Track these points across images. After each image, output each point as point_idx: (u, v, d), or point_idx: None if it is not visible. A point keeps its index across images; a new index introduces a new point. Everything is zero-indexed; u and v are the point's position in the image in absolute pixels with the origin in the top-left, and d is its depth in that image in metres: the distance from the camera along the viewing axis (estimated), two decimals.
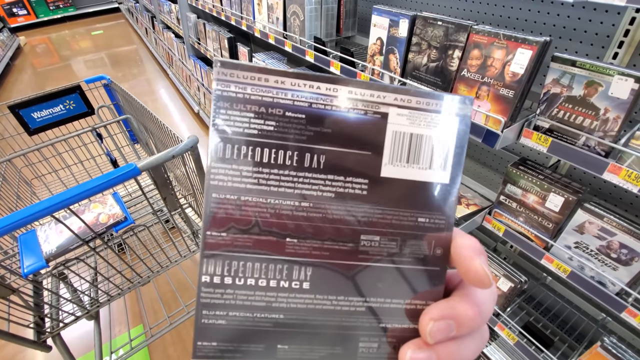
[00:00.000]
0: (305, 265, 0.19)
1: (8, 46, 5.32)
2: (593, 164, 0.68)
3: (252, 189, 0.19)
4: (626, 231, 0.70)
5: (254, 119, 0.18)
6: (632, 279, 0.72)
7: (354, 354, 0.20)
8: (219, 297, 0.19)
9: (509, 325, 1.02)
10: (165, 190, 0.98)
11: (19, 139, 1.38)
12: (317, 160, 0.19)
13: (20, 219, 0.68)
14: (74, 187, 0.71)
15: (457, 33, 0.79)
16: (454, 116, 0.20)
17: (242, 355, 0.19)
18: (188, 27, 2.86)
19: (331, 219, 0.19)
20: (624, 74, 0.58)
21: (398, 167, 0.19)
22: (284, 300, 0.19)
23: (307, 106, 0.19)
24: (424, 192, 0.20)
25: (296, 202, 0.19)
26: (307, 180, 0.19)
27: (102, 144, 1.29)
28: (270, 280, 0.19)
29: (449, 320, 0.18)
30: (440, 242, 0.20)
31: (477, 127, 0.80)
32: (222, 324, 0.19)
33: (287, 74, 0.19)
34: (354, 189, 0.19)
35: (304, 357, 0.19)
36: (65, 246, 0.95)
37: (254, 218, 0.19)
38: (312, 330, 0.19)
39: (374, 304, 0.20)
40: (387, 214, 0.20)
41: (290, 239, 0.19)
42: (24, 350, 1.58)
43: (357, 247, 0.19)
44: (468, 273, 0.18)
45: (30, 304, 0.99)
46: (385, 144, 0.19)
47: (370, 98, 0.19)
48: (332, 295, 0.19)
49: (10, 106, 1.32)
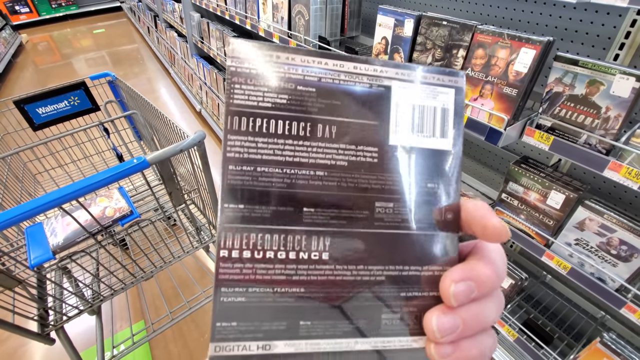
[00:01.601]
0: (323, 235, 0.19)
1: (10, 43, 5.33)
2: (594, 162, 0.70)
3: (268, 160, 0.19)
4: (626, 228, 0.71)
5: (267, 92, 0.19)
6: (632, 275, 0.74)
7: (378, 327, 0.20)
8: (237, 273, 0.18)
9: (509, 321, 1.03)
10: (171, 185, 0.99)
11: (23, 134, 1.39)
12: (329, 131, 0.20)
13: (31, 209, 0.69)
14: (85, 178, 0.72)
15: (461, 33, 0.80)
16: (450, 88, 0.21)
17: (263, 334, 0.18)
18: (191, 26, 2.88)
19: (346, 187, 0.20)
20: (626, 72, 0.60)
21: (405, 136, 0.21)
22: (304, 272, 0.19)
23: (316, 80, 0.20)
24: (430, 159, 0.21)
25: (311, 171, 0.19)
26: (321, 149, 0.19)
27: (108, 138, 1.30)
28: (289, 252, 0.19)
29: (468, 281, 0.18)
30: (450, 207, 0.21)
31: (481, 125, 0.82)
32: (242, 302, 0.18)
33: (297, 51, 0.20)
34: (365, 157, 0.20)
35: (328, 334, 0.19)
36: (71, 239, 0.96)
37: (270, 188, 0.19)
38: (334, 304, 0.19)
39: (393, 272, 0.20)
40: (398, 180, 0.20)
41: (307, 208, 0.19)
42: (25, 345, 1.58)
43: (373, 214, 0.20)
44: (486, 229, 0.19)
45: (34, 296, 1.00)
46: (391, 115, 0.20)
47: (374, 73, 0.20)
48: (352, 265, 0.19)
49: (16, 101, 1.33)
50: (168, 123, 1.16)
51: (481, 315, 0.19)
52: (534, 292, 1.17)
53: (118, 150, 1.39)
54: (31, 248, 0.94)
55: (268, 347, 0.18)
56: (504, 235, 0.19)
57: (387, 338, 0.20)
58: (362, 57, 0.21)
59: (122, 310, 1.67)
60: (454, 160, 0.21)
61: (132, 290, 1.78)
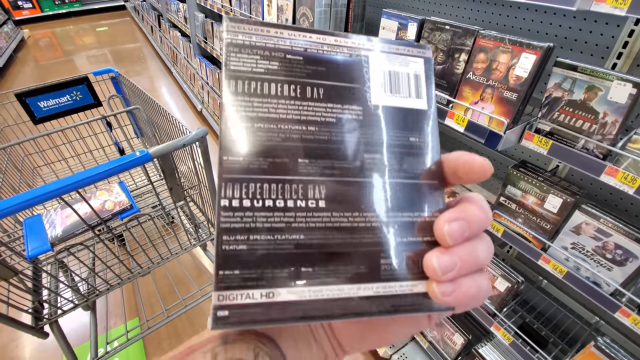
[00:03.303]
0: (318, 183, 0.20)
1: (12, 38, 5.33)
2: (591, 166, 0.71)
3: (263, 117, 0.21)
4: (621, 232, 0.73)
5: (260, 60, 0.21)
6: (626, 280, 0.75)
7: (377, 273, 0.20)
8: (238, 221, 0.19)
9: (504, 325, 1.03)
10: (172, 180, 0.99)
11: (23, 128, 1.39)
12: (317, 92, 0.22)
13: (31, 199, 0.69)
14: (88, 169, 0.73)
15: (464, 37, 0.82)
16: (420, 58, 0.25)
17: (266, 282, 0.19)
18: (195, 26, 2.90)
19: (335, 140, 0.21)
20: (623, 79, 0.61)
21: (384, 96, 0.23)
22: (302, 219, 0.20)
23: (303, 50, 0.22)
24: (409, 116, 0.23)
25: (303, 126, 0.21)
26: (311, 108, 0.22)
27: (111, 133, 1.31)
28: (287, 200, 0.20)
29: (461, 221, 0.20)
30: (433, 158, 0.23)
31: (481, 129, 0.83)
32: (243, 250, 0.19)
33: (284, 27, 0.22)
34: (351, 115, 0.22)
35: (330, 280, 0.20)
36: (70, 231, 0.96)
37: (266, 142, 0.20)
38: (334, 250, 0.20)
39: (387, 219, 0.21)
40: (382, 134, 0.23)
41: (302, 159, 0.21)
42: (17, 339, 1.56)
43: (363, 165, 0.22)
44: (473, 167, 0.21)
45: (30, 288, 0.99)
46: (371, 79, 0.23)
47: (352, 45, 0.23)
48: (348, 212, 0.21)
49: (17, 94, 1.33)
50: (170, 119, 1.16)
51: (475, 254, 0.20)
52: (530, 297, 1.18)
53: (120, 145, 1.40)
54: (29, 239, 0.93)
55: (271, 295, 0.19)
56: (489, 169, 0.21)
57: (388, 283, 0.20)
58: (342, 33, 0.23)
59: (117, 307, 1.66)
60: (430, 118, 0.24)
61: (128, 287, 1.77)
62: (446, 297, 0.19)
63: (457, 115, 0.89)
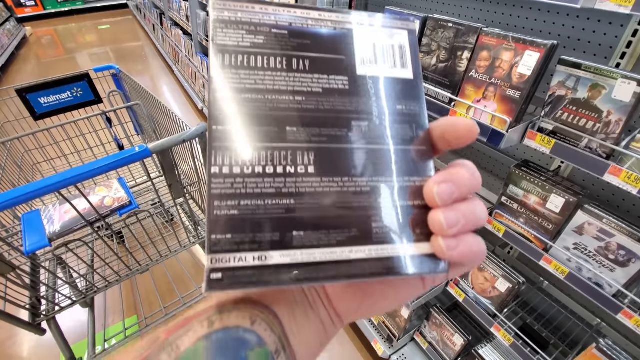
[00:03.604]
0: (307, 150, 0.21)
1: (14, 35, 5.33)
2: (594, 166, 0.70)
3: (251, 88, 0.21)
4: (625, 232, 0.72)
5: (246, 34, 0.22)
6: (629, 281, 0.74)
7: (369, 236, 0.21)
8: (229, 187, 0.19)
9: (505, 326, 1.03)
10: (172, 177, 0.99)
11: (24, 124, 1.39)
12: (302, 64, 0.22)
13: (29, 192, 0.68)
14: (86, 164, 0.72)
15: (467, 35, 0.81)
16: (404, 30, 0.25)
17: (258, 246, 0.19)
18: (197, 24, 2.89)
19: (323, 109, 0.22)
20: (628, 77, 0.60)
21: (369, 67, 0.24)
22: (292, 184, 0.20)
23: (288, 25, 0.23)
24: (395, 85, 0.24)
25: (290, 96, 0.21)
26: (297, 79, 0.22)
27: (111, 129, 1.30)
28: (277, 167, 0.20)
29: (449, 183, 0.21)
30: (420, 125, 0.23)
31: (483, 127, 0.82)
32: (234, 214, 0.19)
33: (269, 3, 0.23)
34: (337, 85, 0.23)
35: (322, 243, 0.20)
36: (68, 226, 0.95)
37: (254, 112, 0.21)
38: (324, 214, 0.20)
39: (377, 184, 0.21)
40: (369, 103, 0.23)
41: (290, 127, 0.21)
42: (15, 336, 1.55)
43: (350, 132, 0.22)
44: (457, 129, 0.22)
45: (27, 284, 0.99)
46: (356, 51, 0.24)
47: (336, 19, 0.24)
48: (337, 177, 0.21)
49: (18, 90, 1.32)
50: (171, 116, 1.16)
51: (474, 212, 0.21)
52: (531, 298, 1.17)
53: (120, 142, 1.39)
54: (27, 234, 0.93)
55: (264, 258, 0.19)
56: (473, 128, 0.21)
57: (380, 246, 0.21)
58: (325, 7, 0.24)
59: (115, 305, 1.66)
60: (416, 87, 0.24)
61: (126, 285, 1.76)
62: (452, 251, 0.20)
63: (459, 113, 0.88)
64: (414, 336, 1.46)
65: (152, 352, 0.19)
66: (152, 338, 0.20)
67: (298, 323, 0.23)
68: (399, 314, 1.37)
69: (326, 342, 0.25)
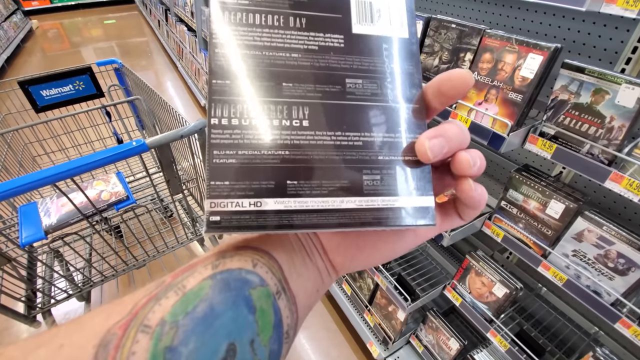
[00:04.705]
0: (301, 105, 0.22)
1: (20, 28, 5.35)
2: (596, 172, 0.69)
3: (249, 44, 0.22)
4: (625, 240, 0.71)
5: None
6: (628, 290, 0.73)
7: (360, 187, 0.21)
8: (227, 138, 0.20)
9: (501, 332, 1.02)
10: (170, 172, 0.98)
11: (25, 117, 1.39)
12: (299, 22, 0.23)
13: (25, 184, 0.68)
14: (83, 157, 0.72)
15: (470, 36, 0.80)
16: None
17: (254, 192, 0.20)
18: (202, 20, 2.89)
19: (318, 66, 0.22)
20: (632, 82, 0.59)
21: (365, 26, 0.24)
22: (287, 137, 0.21)
23: None
24: (391, 44, 0.24)
25: (287, 53, 0.22)
26: (294, 36, 0.22)
27: (110, 123, 1.30)
28: (272, 120, 0.21)
29: (440, 138, 0.21)
30: (414, 84, 0.24)
31: (484, 130, 0.81)
32: (232, 163, 0.20)
33: None
34: (332, 43, 0.23)
35: (314, 193, 0.21)
36: (65, 220, 0.95)
37: (252, 67, 0.21)
38: (317, 165, 0.21)
39: (369, 139, 0.22)
40: (364, 61, 0.23)
41: (286, 83, 0.22)
42: (10, 328, 1.56)
43: (344, 89, 0.23)
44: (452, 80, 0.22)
45: (23, 277, 0.99)
46: (352, 10, 0.24)
47: None
48: (330, 131, 0.22)
49: (20, 82, 1.32)
50: (170, 111, 1.16)
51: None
52: (528, 304, 1.16)
53: (120, 136, 1.39)
54: (23, 226, 0.93)
55: (259, 204, 0.20)
56: (468, 78, 0.22)
57: (371, 198, 0.21)
58: None
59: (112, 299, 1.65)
60: (412, 46, 0.24)
61: (124, 280, 1.76)
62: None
63: (460, 116, 0.87)
64: (410, 339, 1.45)
65: (160, 290, 0.20)
66: (158, 281, 0.21)
67: (297, 269, 0.24)
68: (395, 317, 1.36)
69: (322, 290, 0.27)
